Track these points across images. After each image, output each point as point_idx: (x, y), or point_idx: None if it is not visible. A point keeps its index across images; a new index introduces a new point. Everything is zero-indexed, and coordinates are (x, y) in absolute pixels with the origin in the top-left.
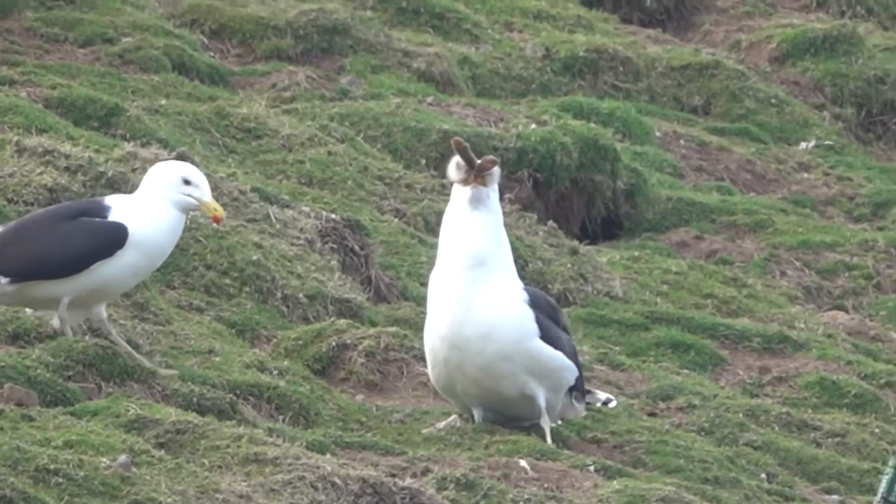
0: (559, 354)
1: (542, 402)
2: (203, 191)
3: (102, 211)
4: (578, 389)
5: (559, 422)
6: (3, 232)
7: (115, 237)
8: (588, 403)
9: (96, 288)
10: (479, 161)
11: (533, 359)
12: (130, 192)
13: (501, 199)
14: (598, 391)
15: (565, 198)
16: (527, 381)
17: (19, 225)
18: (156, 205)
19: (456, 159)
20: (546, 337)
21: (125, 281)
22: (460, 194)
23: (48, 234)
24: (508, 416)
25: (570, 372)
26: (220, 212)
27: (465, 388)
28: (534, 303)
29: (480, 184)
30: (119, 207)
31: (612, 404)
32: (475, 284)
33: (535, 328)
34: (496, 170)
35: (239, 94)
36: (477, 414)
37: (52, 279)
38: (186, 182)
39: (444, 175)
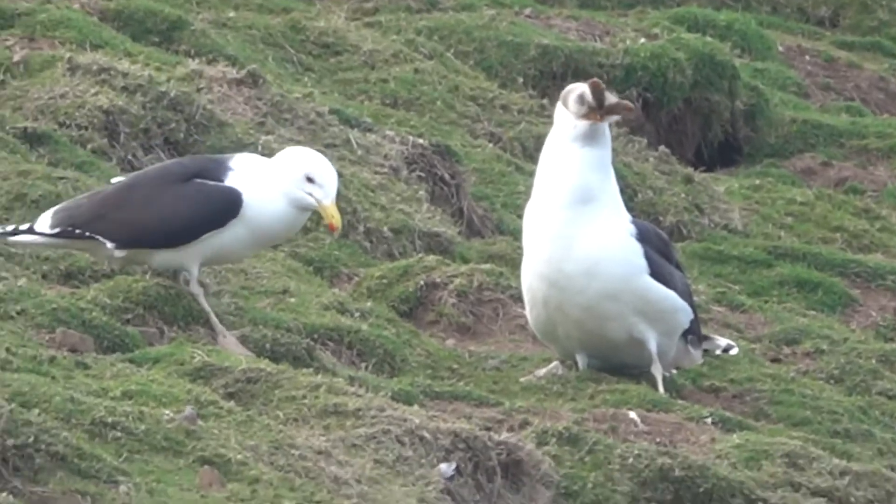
0: (671, 294)
1: (652, 347)
2: (326, 192)
3: (220, 173)
4: (694, 333)
5: (673, 371)
6: (114, 190)
7: (229, 205)
8: (706, 350)
9: (208, 258)
10: (610, 102)
11: (642, 298)
12: (194, 113)
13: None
14: (717, 336)
15: (678, 120)
16: (635, 323)
17: (130, 183)
18: (280, 193)
19: (581, 90)
20: (656, 274)
21: (241, 251)
22: (572, 126)
23: (156, 199)
24: (615, 362)
25: (683, 314)
26: (338, 220)
27: (567, 332)
28: (642, 236)
29: (600, 121)
30: (240, 174)
31: (733, 351)
32: (578, 221)
33: (643, 263)
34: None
35: (316, 5)
36: (581, 360)
37: (160, 248)
38: (310, 180)
39: (543, 94)
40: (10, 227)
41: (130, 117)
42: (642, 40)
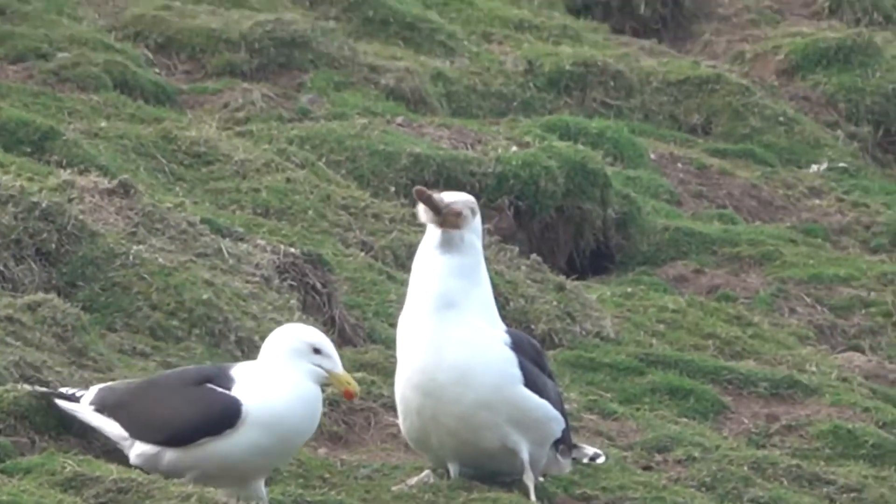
0: (545, 403)
1: (525, 455)
2: (334, 361)
3: (227, 380)
4: (564, 443)
5: (542, 478)
6: (137, 383)
7: (226, 414)
8: (574, 459)
9: (213, 465)
10: (445, 204)
11: (516, 407)
12: (66, 223)
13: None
14: (585, 445)
15: (550, 228)
16: (509, 433)
17: (149, 380)
18: (290, 378)
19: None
20: (531, 383)
21: (251, 461)
22: (431, 234)
23: (168, 397)
24: (488, 471)
25: (556, 423)
26: (355, 386)
27: (440, 441)
28: (516, 346)
29: (452, 227)
30: (244, 378)
31: (600, 460)
32: (446, 326)
33: (518, 374)
34: (470, 212)
35: (187, 115)
36: (452, 469)
37: (162, 446)
38: (316, 351)
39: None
40: (62, 389)
41: (2, 228)
42: (514, 148)
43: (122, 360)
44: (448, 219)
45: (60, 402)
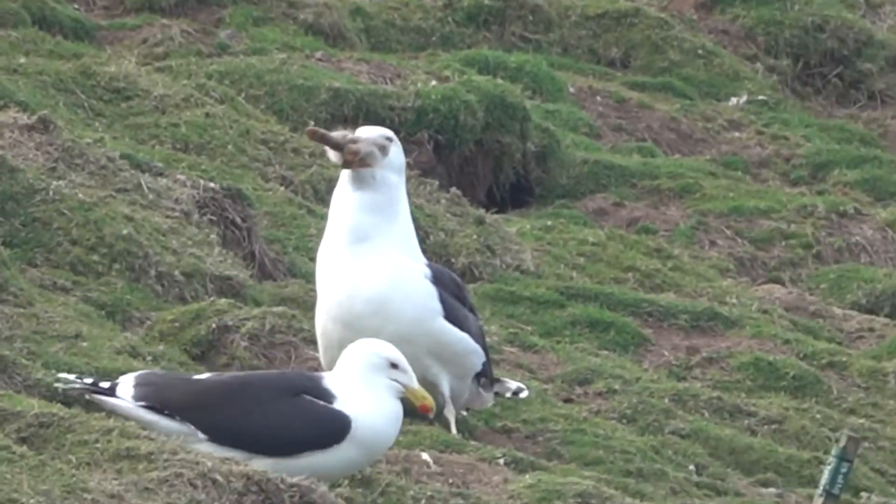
0: (465, 337)
1: (445, 390)
2: (410, 376)
3: (326, 394)
4: (486, 376)
5: (464, 412)
6: (217, 386)
7: (337, 429)
8: (496, 393)
9: (303, 473)
10: (346, 141)
11: (436, 341)
12: None
13: None
14: (508, 380)
15: (470, 162)
16: (429, 366)
17: (231, 383)
18: (376, 393)
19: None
20: (451, 317)
21: (339, 472)
22: (344, 173)
23: (266, 406)
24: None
25: (477, 357)
26: (430, 401)
27: None
28: (437, 279)
29: (361, 166)
30: (342, 392)
31: (523, 394)
32: (362, 258)
33: (438, 307)
34: (377, 149)
35: (106, 51)
36: None
37: (254, 453)
38: (393, 366)
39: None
40: (87, 380)
41: None
42: (433, 83)
43: (42, 294)
44: (348, 158)
45: (96, 397)
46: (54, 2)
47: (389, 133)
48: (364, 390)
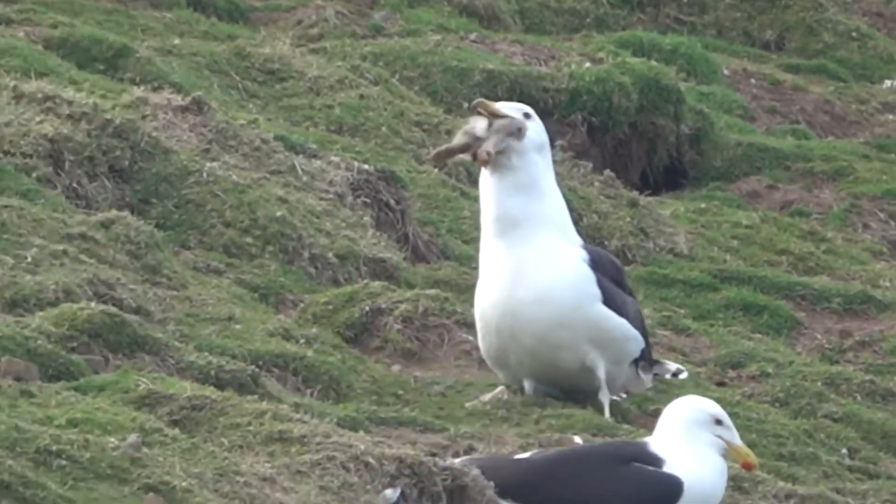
0: (624, 322)
1: (601, 374)
2: (734, 433)
3: (655, 458)
4: (645, 359)
5: (623, 395)
6: (536, 462)
7: (671, 493)
8: (655, 374)
9: None
10: (472, 139)
11: (595, 326)
12: (139, 140)
13: (552, 145)
14: (667, 361)
15: (623, 144)
16: (587, 352)
17: (558, 459)
18: (702, 452)
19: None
20: (609, 302)
21: None
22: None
23: (597, 478)
24: (564, 388)
25: (635, 343)
26: (754, 458)
27: (519, 360)
28: (595, 263)
29: (488, 161)
30: (671, 456)
31: (682, 375)
32: (518, 246)
33: (596, 291)
34: (509, 139)
35: (261, 32)
36: (527, 385)
37: None
38: (718, 422)
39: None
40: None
41: (75, 145)
42: (587, 64)
43: (195, 277)
44: (483, 161)
45: None
46: None
47: (527, 109)
48: (690, 450)
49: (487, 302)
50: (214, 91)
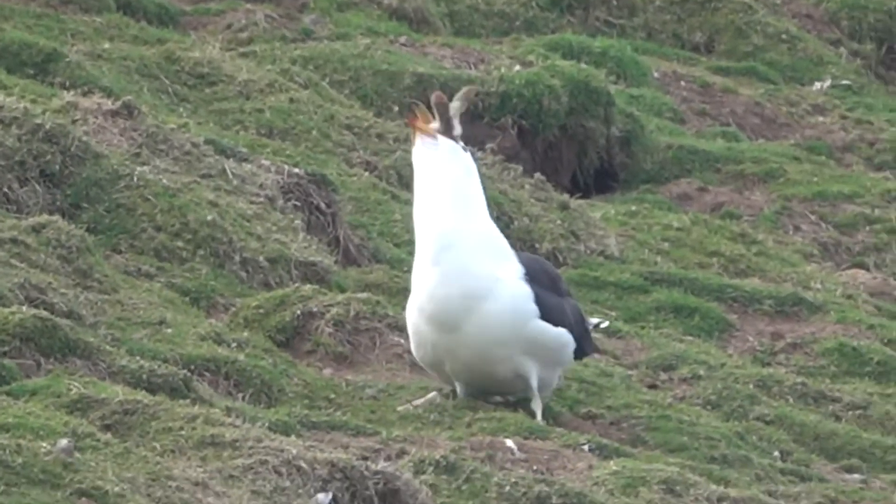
0: (562, 332)
1: (533, 381)
2: None
3: None
4: (587, 354)
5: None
6: None
7: None
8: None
9: None
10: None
11: (531, 341)
12: (70, 144)
13: (482, 148)
14: (588, 317)
15: (554, 147)
16: (522, 362)
17: None
18: None
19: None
20: (547, 316)
21: None
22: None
23: None
24: (498, 394)
25: (570, 347)
26: None
27: (454, 370)
28: (531, 277)
29: (423, 130)
30: None
31: (603, 324)
32: (451, 264)
33: (534, 308)
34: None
35: (191, 36)
36: (459, 389)
37: None
38: None
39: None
40: None
41: (6, 149)
42: (517, 67)
43: (126, 281)
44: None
45: None
46: None
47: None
48: None
49: (421, 315)
50: (145, 95)
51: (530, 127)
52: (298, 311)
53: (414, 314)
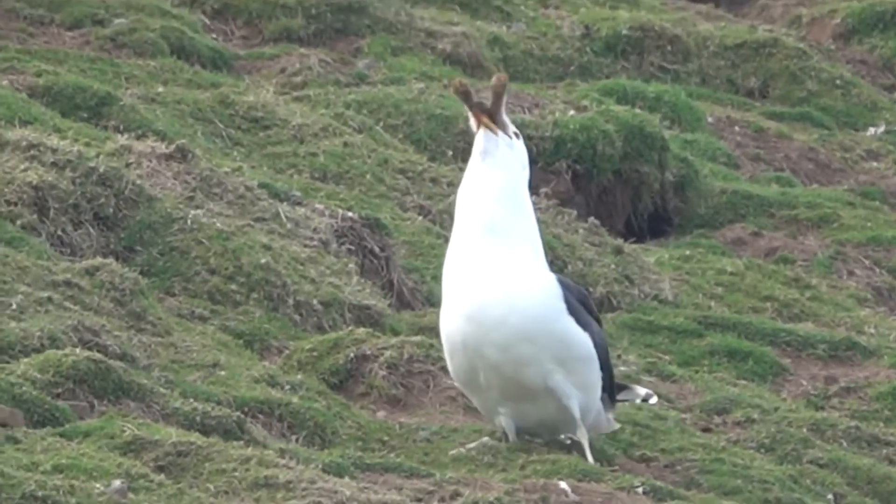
0: (587, 340)
1: (573, 404)
2: None
3: None
4: (606, 391)
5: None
6: None
7: None
8: (626, 400)
9: None
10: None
11: (560, 341)
12: (123, 188)
13: (536, 192)
14: (636, 386)
15: (608, 191)
16: (551, 371)
17: None
18: None
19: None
20: (574, 316)
21: None
22: (475, 142)
23: None
24: (538, 421)
25: (596, 364)
26: None
27: (487, 379)
28: (563, 283)
29: (489, 125)
30: None
31: (652, 400)
32: (490, 254)
33: (562, 305)
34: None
35: (244, 80)
36: (508, 427)
37: None
38: None
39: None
40: None
41: (60, 193)
42: (571, 112)
43: (180, 324)
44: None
45: None
46: (192, 31)
47: (515, 129)
48: None
49: (452, 314)
50: (198, 139)
51: (584, 171)
52: (352, 354)
53: (446, 314)
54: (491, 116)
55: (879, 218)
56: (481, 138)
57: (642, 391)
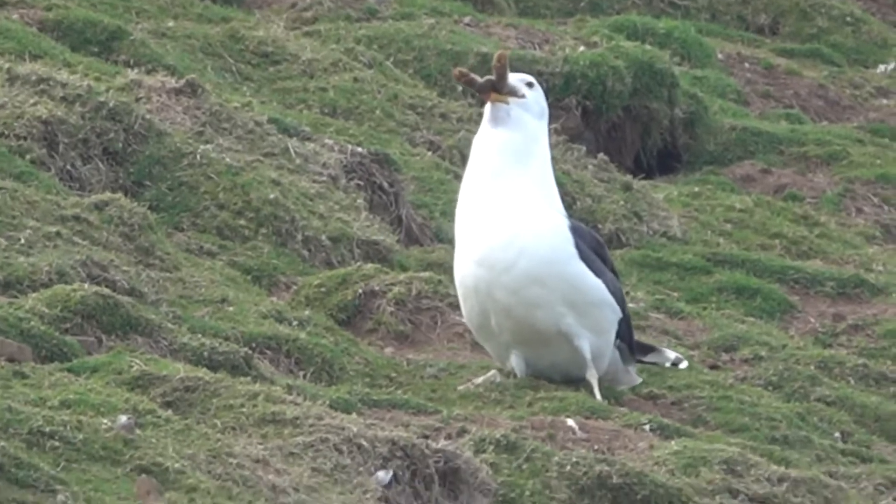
0: (600, 284)
1: (586, 350)
2: None
3: None
4: (624, 340)
5: (622, 387)
6: None
7: None
8: (654, 363)
9: None
10: (486, 79)
11: (571, 285)
12: (133, 123)
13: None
14: (666, 349)
15: (617, 128)
16: (563, 315)
17: None
18: None
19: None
20: (586, 262)
21: None
22: (485, 111)
23: None
24: (549, 363)
25: (612, 311)
26: None
27: (498, 322)
28: (575, 230)
29: (497, 99)
30: None
31: (682, 364)
32: (500, 197)
33: (573, 250)
34: (520, 85)
35: (255, 15)
36: (518, 368)
37: None
38: None
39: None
40: None
41: (69, 127)
42: (582, 48)
43: (188, 259)
44: (488, 89)
45: None
46: None
47: (530, 78)
48: None
49: (464, 259)
50: (208, 74)
51: (594, 108)
52: (360, 290)
53: (459, 260)
54: (497, 90)
55: (888, 155)
56: (490, 108)
57: (672, 354)
